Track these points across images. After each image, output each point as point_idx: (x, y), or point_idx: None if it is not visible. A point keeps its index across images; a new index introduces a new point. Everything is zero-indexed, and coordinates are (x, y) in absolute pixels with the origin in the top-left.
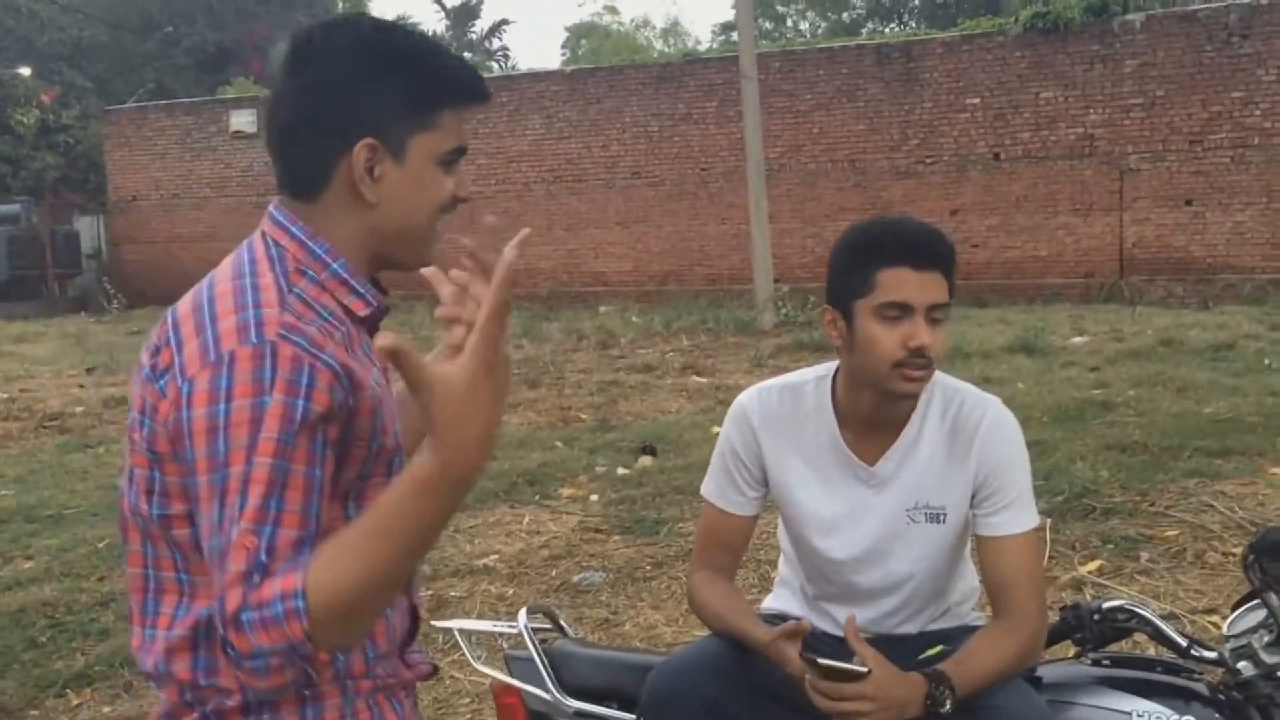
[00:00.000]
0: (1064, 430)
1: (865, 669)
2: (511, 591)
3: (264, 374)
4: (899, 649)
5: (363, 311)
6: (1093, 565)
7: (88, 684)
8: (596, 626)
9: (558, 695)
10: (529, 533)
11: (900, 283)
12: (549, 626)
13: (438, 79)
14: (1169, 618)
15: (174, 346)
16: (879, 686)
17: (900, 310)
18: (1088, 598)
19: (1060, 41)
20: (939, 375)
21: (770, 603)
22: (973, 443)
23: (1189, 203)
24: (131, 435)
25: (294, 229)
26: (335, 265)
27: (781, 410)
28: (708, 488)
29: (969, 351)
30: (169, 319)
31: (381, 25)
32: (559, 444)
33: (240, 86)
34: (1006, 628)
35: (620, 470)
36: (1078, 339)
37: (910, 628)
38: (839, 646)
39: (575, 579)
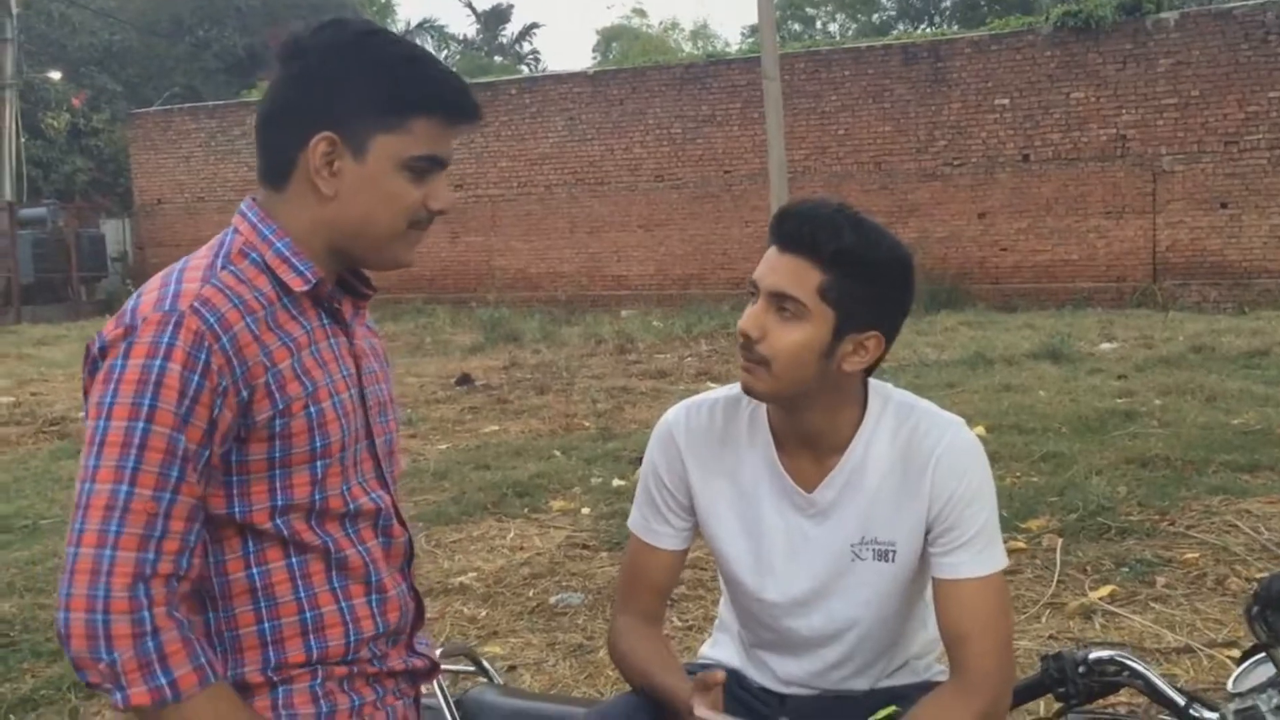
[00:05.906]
0: (1083, 442)
1: None
2: (484, 613)
3: (163, 339)
4: (846, 709)
5: (299, 287)
6: (1104, 591)
7: (33, 709)
8: (569, 653)
9: None
10: (512, 548)
11: (763, 260)
12: (471, 669)
13: (413, 85)
14: (1183, 651)
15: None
16: None
17: (754, 289)
18: (1097, 628)
19: (1092, 40)
20: (894, 391)
21: (707, 650)
22: (926, 470)
23: (1224, 205)
24: None
25: (250, 214)
26: (279, 244)
27: (711, 429)
28: (633, 519)
29: (991, 358)
30: None
31: (369, 29)
32: (557, 453)
33: (264, 89)
34: (960, 688)
35: (616, 482)
36: (1106, 345)
37: (859, 684)
38: (778, 705)
39: (551, 600)
